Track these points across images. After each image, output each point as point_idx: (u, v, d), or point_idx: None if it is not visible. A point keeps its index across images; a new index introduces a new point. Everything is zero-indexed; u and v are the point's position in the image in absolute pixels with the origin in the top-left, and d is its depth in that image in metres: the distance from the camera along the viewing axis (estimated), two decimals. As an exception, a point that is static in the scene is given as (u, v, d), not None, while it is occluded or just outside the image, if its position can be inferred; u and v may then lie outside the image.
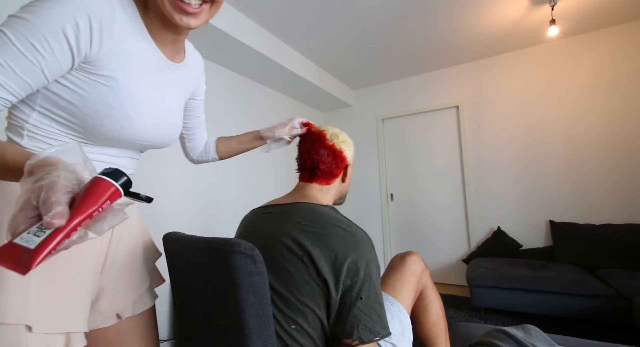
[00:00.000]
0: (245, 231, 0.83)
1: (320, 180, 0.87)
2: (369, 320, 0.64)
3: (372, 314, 0.65)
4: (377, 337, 0.64)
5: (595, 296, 1.94)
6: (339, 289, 0.65)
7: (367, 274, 0.66)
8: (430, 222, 3.38)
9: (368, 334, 0.63)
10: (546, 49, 2.89)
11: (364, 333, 0.63)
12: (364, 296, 0.64)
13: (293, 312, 0.66)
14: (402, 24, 2.48)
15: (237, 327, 0.59)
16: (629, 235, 2.33)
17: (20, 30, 0.44)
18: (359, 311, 0.64)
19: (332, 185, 0.89)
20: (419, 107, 3.51)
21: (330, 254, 0.65)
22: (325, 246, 0.66)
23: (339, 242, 0.67)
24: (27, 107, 0.52)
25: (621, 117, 2.59)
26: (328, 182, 0.88)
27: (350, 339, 0.63)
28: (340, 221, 0.73)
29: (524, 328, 0.90)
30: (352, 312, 0.64)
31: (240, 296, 0.58)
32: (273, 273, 0.68)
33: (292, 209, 0.77)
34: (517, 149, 2.98)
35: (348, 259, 0.65)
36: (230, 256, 0.59)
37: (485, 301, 2.24)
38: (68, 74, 0.51)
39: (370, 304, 0.65)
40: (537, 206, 2.86)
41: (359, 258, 0.66)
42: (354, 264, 0.65)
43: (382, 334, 0.65)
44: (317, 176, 0.86)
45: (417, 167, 3.50)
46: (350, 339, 0.63)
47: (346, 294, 0.65)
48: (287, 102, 3.48)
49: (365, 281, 0.65)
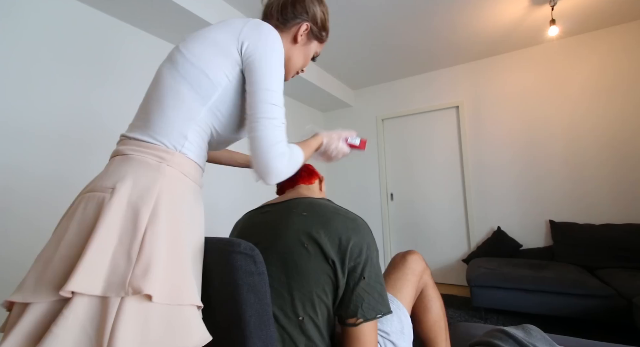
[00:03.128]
0: (243, 231, 0.83)
1: (304, 180, 0.95)
2: (371, 299, 0.67)
3: (374, 293, 0.68)
4: (380, 314, 0.68)
5: (595, 296, 1.94)
6: (345, 271, 0.68)
7: (368, 255, 0.69)
8: (431, 222, 3.38)
9: (371, 312, 0.67)
10: (546, 49, 2.89)
11: (367, 311, 0.67)
12: (366, 276, 0.68)
13: (302, 303, 0.67)
14: (402, 24, 2.48)
15: (237, 327, 0.59)
16: (629, 235, 2.33)
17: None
18: (362, 291, 0.67)
19: (314, 185, 0.96)
20: (419, 107, 3.51)
21: (335, 237, 0.68)
22: (329, 231, 0.69)
23: (341, 226, 0.70)
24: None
25: (621, 118, 2.59)
26: (310, 182, 0.96)
27: (354, 317, 0.66)
28: (339, 209, 0.76)
29: (524, 328, 0.90)
30: (355, 292, 0.67)
31: (240, 296, 0.58)
32: (279, 266, 0.69)
33: (291, 204, 0.79)
34: (517, 148, 2.98)
35: (351, 242, 0.68)
36: (230, 256, 0.59)
37: (485, 301, 2.24)
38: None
39: (372, 284, 0.68)
40: (537, 205, 2.86)
41: (360, 240, 0.69)
42: (357, 247, 0.68)
43: (383, 312, 0.69)
44: (299, 177, 0.94)
45: (417, 167, 3.50)
46: (354, 318, 0.66)
47: (350, 275, 0.68)
48: (287, 102, 3.48)
49: (367, 262, 0.69)
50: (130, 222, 0.51)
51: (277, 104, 0.63)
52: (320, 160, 0.92)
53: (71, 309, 0.45)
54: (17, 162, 1.48)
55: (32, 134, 1.54)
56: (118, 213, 0.52)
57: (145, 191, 0.54)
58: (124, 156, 0.60)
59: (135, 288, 0.46)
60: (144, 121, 0.62)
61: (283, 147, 0.62)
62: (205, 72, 0.62)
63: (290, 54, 0.80)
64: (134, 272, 0.48)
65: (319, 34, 0.81)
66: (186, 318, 0.51)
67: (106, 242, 0.49)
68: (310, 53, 0.84)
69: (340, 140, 0.89)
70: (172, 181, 0.58)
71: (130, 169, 0.57)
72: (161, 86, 0.63)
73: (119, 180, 0.55)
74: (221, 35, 0.64)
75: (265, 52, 0.64)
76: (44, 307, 0.47)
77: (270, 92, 0.62)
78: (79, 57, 1.74)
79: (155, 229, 0.52)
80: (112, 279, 0.47)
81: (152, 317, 0.48)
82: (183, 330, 0.50)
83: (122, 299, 0.47)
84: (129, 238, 0.50)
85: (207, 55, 0.63)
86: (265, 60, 0.63)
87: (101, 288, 0.47)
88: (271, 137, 0.61)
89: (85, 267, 0.46)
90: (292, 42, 0.79)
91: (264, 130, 0.61)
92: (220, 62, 0.63)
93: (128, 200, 0.53)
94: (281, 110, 0.64)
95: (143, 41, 2.06)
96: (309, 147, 0.80)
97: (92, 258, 0.47)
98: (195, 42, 0.64)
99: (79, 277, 0.45)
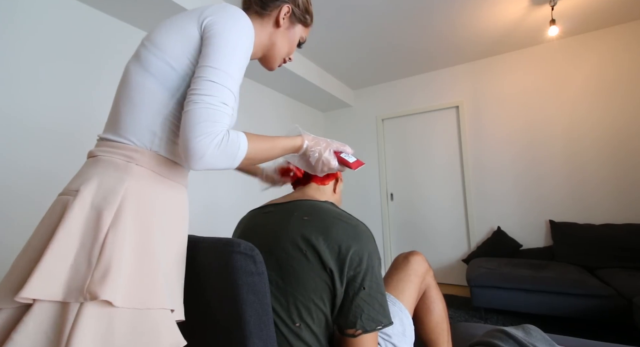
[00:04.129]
0: (245, 231, 0.83)
1: (318, 179, 0.89)
2: (371, 310, 0.65)
3: (374, 304, 0.66)
4: (380, 326, 0.66)
5: (595, 296, 1.94)
6: (344, 280, 0.66)
7: (369, 264, 0.67)
8: (430, 222, 3.38)
9: (371, 324, 0.65)
10: (546, 49, 2.89)
11: (367, 322, 0.65)
12: (366, 286, 0.66)
13: (297, 309, 0.66)
14: (402, 24, 2.48)
15: (237, 327, 0.59)
16: (629, 235, 2.33)
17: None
18: (362, 301, 0.65)
19: (327, 186, 0.92)
20: (419, 107, 3.51)
21: (334, 245, 0.67)
22: (329, 238, 0.67)
23: (341, 234, 0.68)
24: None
25: (621, 118, 2.59)
26: (324, 182, 0.90)
27: (353, 328, 0.65)
28: (341, 214, 0.74)
29: (524, 328, 0.90)
30: (355, 302, 0.65)
31: (240, 296, 0.58)
32: (277, 270, 0.68)
33: (292, 206, 0.78)
34: (517, 148, 2.98)
35: (351, 250, 0.66)
36: (230, 256, 0.59)
37: (485, 301, 2.24)
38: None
39: (372, 294, 0.66)
40: (537, 205, 2.86)
41: (361, 249, 0.67)
42: (357, 255, 0.66)
43: (384, 323, 0.67)
44: (314, 175, 0.89)
45: (417, 167, 3.50)
46: (353, 329, 0.65)
47: (349, 285, 0.66)
48: (287, 102, 3.48)
49: (368, 272, 0.67)
50: (92, 224, 0.50)
51: (220, 83, 0.55)
52: (301, 167, 0.81)
53: (31, 315, 0.44)
54: (13, 160, 1.48)
55: (28, 131, 1.54)
56: (80, 215, 0.50)
57: (109, 192, 0.52)
58: (94, 158, 0.58)
59: (92, 293, 0.45)
60: (114, 121, 0.60)
61: (211, 127, 0.52)
62: (169, 62, 0.58)
63: (274, 39, 0.76)
64: (92, 277, 0.46)
65: (302, 17, 0.77)
66: (155, 323, 0.50)
67: (66, 246, 0.48)
68: (295, 38, 0.79)
69: (328, 150, 0.75)
70: (141, 180, 0.56)
71: (97, 171, 0.55)
72: (127, 83, 0.60)
73: (84, 182, 0.53)
74: (184, 19, 0.61)
75: (224, 28, 0.58)
76: (9, 313, 0.46)
77: (216, 71, 0.55)
78: (77, 56, 1.74)
79: (119, 231, 0.50)
80: (72, 284, 0.46)
81: (116, 323, 0.46)
82: (151, 335, 0.48)
83: (82, 305, 0.45)
84: (90, 241, 0.49)
85: (170, 43, 0.59)
86: (221, 36, 0.58)
87: (62, 293, 0.45)
88: (199, 114, 0.52)
89: (42, 271, 0.45)
90: (274, 27, 0.75)
91: (193, 106, 0.53)
92: (183, 47, 0.59)
93: (91, 202, 0.51)
94: (225, 90, 0.55)
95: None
96: (274, 142, 0.66)
97: (50, 262, 0.46)
98: (158, 33, 0.61)
99: (35, 283, 0.44)
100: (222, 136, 0.53)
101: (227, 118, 0.56)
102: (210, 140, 0.52)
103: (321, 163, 0.74)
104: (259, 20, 0.74)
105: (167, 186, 0.60)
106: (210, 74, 0.55)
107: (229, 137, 0.54)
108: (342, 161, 0.77)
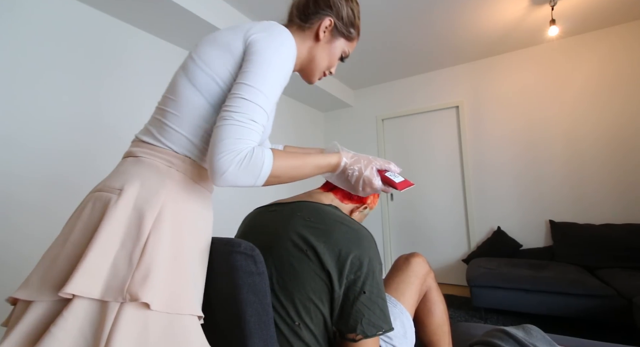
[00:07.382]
0: (248, 228, 0.84)
1: (339, 194, 0.87)
2: (372, 315, 0.65)
3: (375, 309, 0.66)
4: (380, 331, 0.65)
5: (595, 296, 1.94)
6: (342, 283, 0.66)
7: (370, 269, 0.67)
8: (430, 222, 3.38)
9: (371, 329, 0.64)
10: (546, 49, 2.89)
11: (367, 327, 0.64)
12: (367, 291, 0.65)
13: (297, 308, 0.66)
14: (402, 24, 2.48)
15: (237, 327, 0.59)
16: (629, 235, 2.33)
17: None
18: (363, 306, 0.65)
19: (345, 205, 0.88)
20: (419, 107, 3.51)
21: (334, 249, 0.67)
22: (330, 241, 0.67)
23: (342, 237, 0.68)
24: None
25: (621, 118, 2.59)
26: (343, 201, 0.87)
27: (354, 333, 0.64)
28: (344, 218, 0.74)
29: (524, 328, 0.90)
30: (355, 306, 0.65)
31: (240, 296, 0.58)
32: (277, 269, 0.69)
33: (296, 207, 0.78)
34: (517, 148, 2.98)
35: (351, 254, 0.66)
36: (230, 256, 0.59)
37: (485, 301, 2.24)
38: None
39: (373, 299, 0.66)
40: (537, 206, 2.86)
41: (362, 253, 0.67)
42: (357, 259, 0.66)
43: (385, 329, 0.66)
44: (339, 190, 0.87)
45: (417, 167, 3.50)
46: (354, 334, 0.64)
47: (350, 289, 0.66)
48: (287, 102, 3.48)
49: (368, 276, 0.66)
50: (134, 225, 0.51)
51: (251, 101, 0.55)
52: (341, 186, 0.75)
53: (71, 310, 0.45)
54: (15, 168, 1.48)
55: (30, 136, 1.54)
56: (123, 215, 0.51)
57: (152, 194, 0.54)
58: (135, 158, 0.60)
59: (132, 294, 0.46)
60: (157, 126, 0.62)
61: (234, 144, 0.52)
62: (215, 78, 0.60)
63: (314, 53, 0.75)
64: (133, 278, 0.47)
65: (346, 30, 0.74)
66: (185, 328, 0.50)
67: (108, 245, 0.49)
68: (337, 52, 0.76)
69: (370, 168, 0.70)
70: (179, 186, 0.58)
71: (140, 172, 0.57)
72: (173, 93, 0.62)
73: (127, 181, 0.55)
74: (231, 35, 0.62)
75: (267, 47, 0.59)
76: (46, 306, 0.47)
77: (250, 88, 0.55)
78: (80, 59, 1.74)
79: (159, 235, 0.51)
80: (112, 283, 0.47)
81: (151, 325, 0.47)
82: (181, 339, 0.49)
83: (121, 305, 0.46)
84: (131, 242, 0.50)
85: (214, 57, 0.60)
86: (261, 54, 0.58)
87: (100, 291, 0.46)
88: (225, 131, 0.52)
89: (85, 269, 0.46)
90: (314, 40, 0.74)
91: (221, 122, 0.53)
92: (227, 63, 0.60)
93: (134, 203, 0.53)
94: (256, 107, 0.55)
95: (144, 42, 2.06)
96: (306, 160, 0.63)
97: (93, 260, 0.47)
98: (204, 45, 0.63)
99: (79, 279, 0.45)
100: (245, 154, 0.52)
101: (255, 135, 0.55)
102: (232, 158, 0.51)
103: (362, 182, 0.70)
104: (300, 34, 0.74)
105: (199, 192, 0.63)
106: (244, 91, 0.55)
107: (253, 155, 0.53)
108: (386, 180, 0.70)
